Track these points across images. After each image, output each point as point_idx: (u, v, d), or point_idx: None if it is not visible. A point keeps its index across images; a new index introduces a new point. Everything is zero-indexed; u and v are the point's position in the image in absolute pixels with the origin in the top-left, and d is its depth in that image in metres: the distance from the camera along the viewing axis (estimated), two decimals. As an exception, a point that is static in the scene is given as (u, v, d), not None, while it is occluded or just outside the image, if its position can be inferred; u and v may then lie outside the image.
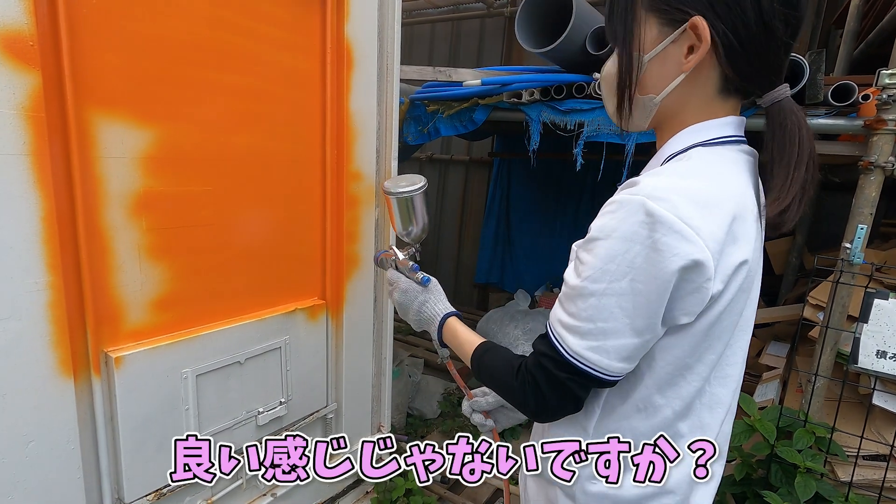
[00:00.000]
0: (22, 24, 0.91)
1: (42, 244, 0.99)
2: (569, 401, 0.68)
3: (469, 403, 0.96)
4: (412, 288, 0.96)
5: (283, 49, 1.40)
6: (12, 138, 0.93)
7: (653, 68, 0.68)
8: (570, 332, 0.64)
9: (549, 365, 0.67)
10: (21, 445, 1.01)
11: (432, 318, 0.92)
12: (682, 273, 0.58)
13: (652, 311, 0.61)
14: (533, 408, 0.71)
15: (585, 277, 0.63)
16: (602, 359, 0.63)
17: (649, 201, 0.58)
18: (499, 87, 1.98)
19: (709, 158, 0.65)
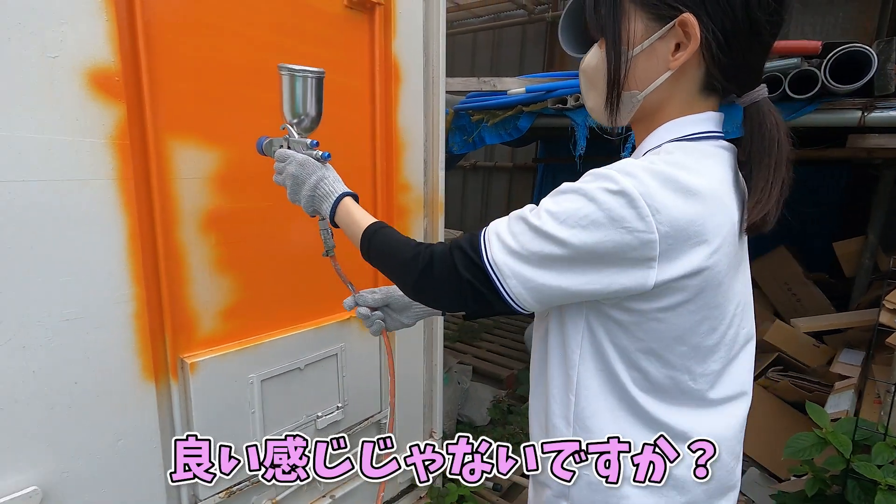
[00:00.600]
0: (109, 62, 1.01)
1: (127, 260, 1.08)
2: (452, 297, 0.70)
3: (354, 297, 0.99)
4: (310, 162, 0.92)
5: (336, 69, 1.47)
6: (102, 165, 1.03)
7: (638, 64, 0.67)
8: (502, 244, 0.65)
9: (458, 259, 0.68)
10: (112, 442, 1.10)
11: (328, 194, 0.90)
12: (624, 248, 0.59)
13: (577, 268, 0.62)
14: (412, 283, 0.74)
15: (536, 214, 0.64)
16: (513, 278, 0.64)
17: (618, 174, 0.59)
18: (543, 93, 1.99)
19: (687, 151, 0.64)
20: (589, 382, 0.69)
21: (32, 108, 0.92)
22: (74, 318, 1.02)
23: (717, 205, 0.60)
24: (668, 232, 0.58)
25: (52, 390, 1.01)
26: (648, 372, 0.67)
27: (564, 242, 0.61)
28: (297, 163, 0.92)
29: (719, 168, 0.65)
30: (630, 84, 0.69)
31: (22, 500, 0.98)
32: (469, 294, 0.68)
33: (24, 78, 0.91)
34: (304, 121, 0.98)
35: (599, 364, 0.69)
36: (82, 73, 0.98)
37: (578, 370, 0.70)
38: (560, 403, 0.73)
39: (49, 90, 0.94)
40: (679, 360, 0.66)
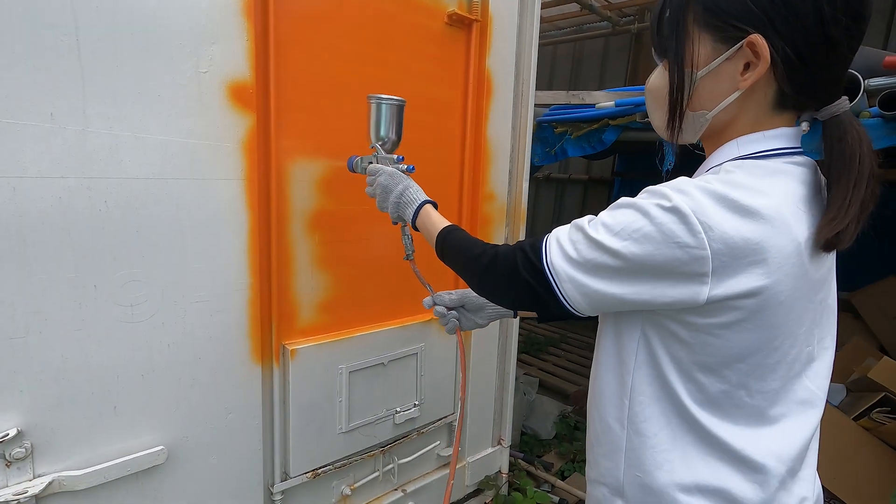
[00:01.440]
0: (246, 76, 1.15)
1: (247, 252, 1.21)
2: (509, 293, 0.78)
3: (432, 297, 1.07)
4: (398, 174, 1.07)
5: (433, 83, 1.55)
6: (234, 167, 1.16)
7: (705, 85, 0.67)
8: (561, 251, 0.69)
9: (519, 260, 0.73)
10: (223, 415, 1.23)
11: (412, 201, 1.02)
12: (675, 263, 0.60)
13: (629, 278, 0.64)
14: (476, 277, 0.82)
15: (593, 226, 0.67)
16: (568, 283, 0.68)
17: (671, 191, 0.61)
18: (633, 107, 1.97)
19: (748, 170, 0.63)
20: (643, 388, 0.71)
21: (184, 116, 1.07)
22: (202, 301, 1.16)
23: (778, 225, 0.59)
24: (722, 249, 0.58)
25: (180, 363, 1.14)
26: (703, 385, 0.67)
27: (617, 253, 0.63)
28: (386, 174, 1.08)
29: (788, 186, 0.63)
30: (697, 104, 0.69)
31: (152, 457, 1.12)
32: (527, 293, 0.73)
33: (181, 91, 1.06)
34: (386, 143, 1.13)
35: (654, 372, 0.70)
36: (225, 87, 1.11)
37: (633, 376, 0.72)
38: (615, 406, 0.75)
39: (198, 101, 1.08)
40: (735, 376, 0.66)
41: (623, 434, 0.74)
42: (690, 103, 0.69)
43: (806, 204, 0.64)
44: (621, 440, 0.74)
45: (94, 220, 0.99)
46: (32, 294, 0.94)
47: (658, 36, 0.71)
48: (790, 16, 0.60)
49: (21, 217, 0.91)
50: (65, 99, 0.93)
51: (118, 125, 0.99)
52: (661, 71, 0.72)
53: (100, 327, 1.02)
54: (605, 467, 0.77)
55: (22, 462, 0.97)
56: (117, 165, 1.00)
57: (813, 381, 0.71)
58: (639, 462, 0.72)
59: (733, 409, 0.68)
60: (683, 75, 0.68)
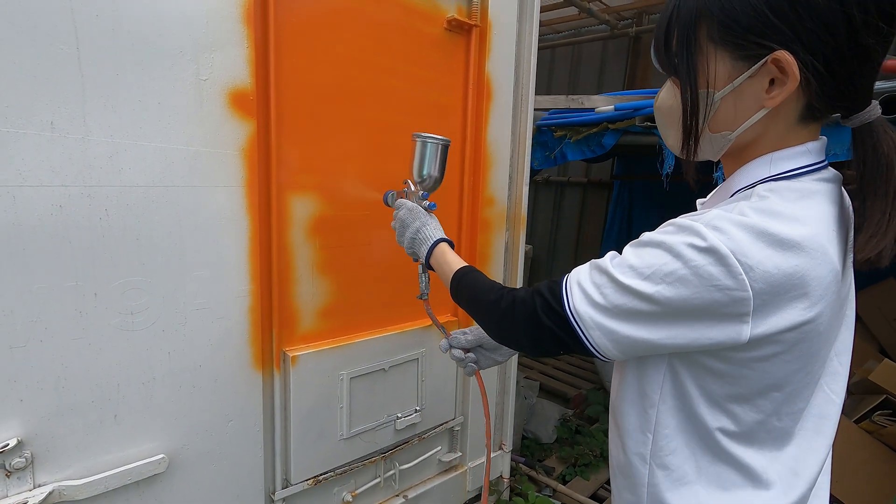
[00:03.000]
0: (246, 83, 1.15)
1: (248, 258, 1.21)
2: (531, 340, 0.72)
3: (447, 340, 1.01)
4: (418, 209, 1.05)
5: (433, 88, 1.55)
6: (234, 173, 1.16)
7: (727, 105, 0.63)
8: (583, 295, 0.65)
9: (539, 305, 0.69)
10: (224, 422, 1.22)
11: (427, 239, 0.99)
12: (714, 305, 0.57)
13: (665, 321, 0.60)
14: (495, 324, 0.78)
15: (619, 268, 0.63)
16: (595, 330, 0.64)
17: (706, 228, 0.56)
18: (632, 111, 1.97)
19: (783, 195, 0.59)
20: (668, 422, 0.68)
21: (185, 123, 1.07)
22: (203, 308, 1.15)
23: (818, 256, 0.56)
24: (763, 289, 0.55)
25: (181, 370, 1.14)
26: (737, 416, 0.65)
27: (650, 298, 0.59)
28: (406, 209, 1.06)
29: (822, 207, 0.60)
30: (718, 125, 0.65)
31: (153, 465, 1.11)
32: (549, 339, 0.70)
33: (181, 98, 1.05)
34: (427, 181, 1.12)
35: (681, 405, 0.67)
36: (225, 94, 1.11)
37: (658, 409, 0.69)
38: (636, 440, 0.72)
39: (198, 108, 1.08)
40: (771, 405, 0.64)
41: (645, 469, 0.71)
42: (711, 124, 0.65)
43: (837, 223, 0.61)
44: (643, 475, 0.71)
45: (95, 228, 0.98)
46: (32, 302, 0.94)
47: (665, 51, 0.66)
48: (817, 27, 0.55)
49: (21, 225, 0.91)
50: (65, 107, 0.93)
51: (118, 133, 0.99)
52: (671, 87, 0.68)
53: (100, 335, 1.02)
54: (627, 500, 0.75)
55: (22, 472, 0.97)
56: (118, 173, 1.00)
57: (832, 388, 0.70)
58: (661, 497, 0.70)
59: (763, 434, 0.66)
60: (698, 97, 0.64)
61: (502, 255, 1.85)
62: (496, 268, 1.84)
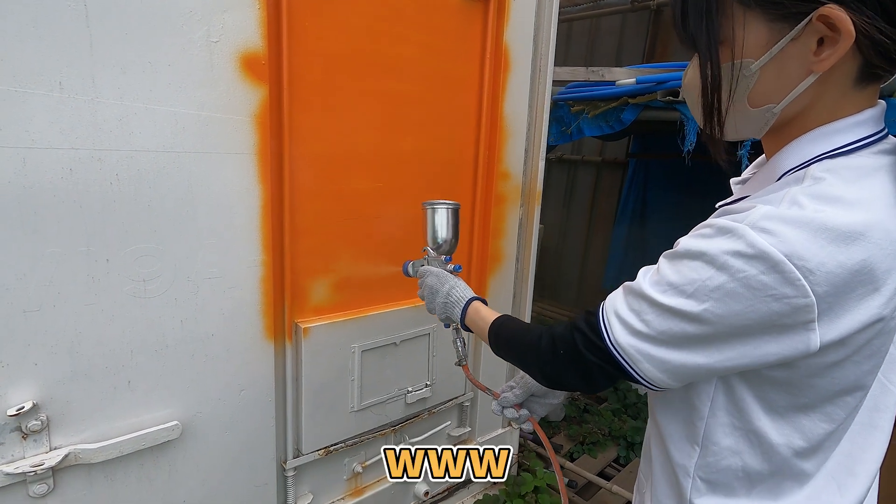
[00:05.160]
0: (258, 46, 1.11)
1: (260, 228, 1.19)
2: (581, 380, 0.67)
3: (497, 402, 0.94)
4: (444, 274, 1.03)
5: (448, 57, 1.50)
6: (246, 140, 1.13)
7: (768, 75, 0.55)
8: (624, 325, 0.59)
9: (580, 342, 0.64)
10: (237, 392, 1.23)
11: (459, 300, 0.95)
12: (773, 317, 0.50)
13: (719, 342, 0.54)
14: (540, 370, 0.72)
15: (657, 288, 0.56)
16: (643, 361, 0.58)
17: (753, 231, 0.49)
18: (654, 84, 1.90)
19: (841, 175, 0.52)
20: (720, 439, 0.62)
21: (195, 87, 1.04)
22: (215, 278, 1.14)
23: (886, 244, 0.49)
24: (828, 291, 0.48)
25: (193, 339, 1.14)
26: (805, 429, 0.58)
27: (698, 318, 0.53)
28: (433, 275, 1.03)
29: (885, 187, 0.53)
30: (759, 98, 0.57)
31: (167, 431, 1.12)
32: (600, 375, 0.64)
33: (191, 61, 1.02)
34: (442, 246, 1.11)
35: (737, 422, 0.61)
36: (236, 57, 1.08)
37: (707, 423, 0.63)
38: (680, 451, 0.66)
39: (209, 72, 1.05)
40: (842, 412, 0.58)
41: (687, 483, 0.66)
42: (751, 100, 0.58)
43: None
44: (685, 489, 0.66)
45: (106, 193, 0.97)
46: (45, 267, 0.93)
47: (683, 24, 0.59)
48: None
49: (32, 188, 0.89)
50: (73, 68, 0.90)
51: (128, 95, 0.96)
52: (696, 63, 0.61)
53: (113, 302, 1.01)
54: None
55: (38, 435, 0.97)
56: (128, 137, 0.97)
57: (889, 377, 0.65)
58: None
59: (832, 442, 0.61)
60: (720, 71, 0.57)
61: (516, 231, 1.82)
62: (510, 243, 1.82)
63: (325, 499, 1.53)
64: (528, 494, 1.89)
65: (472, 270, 1.74)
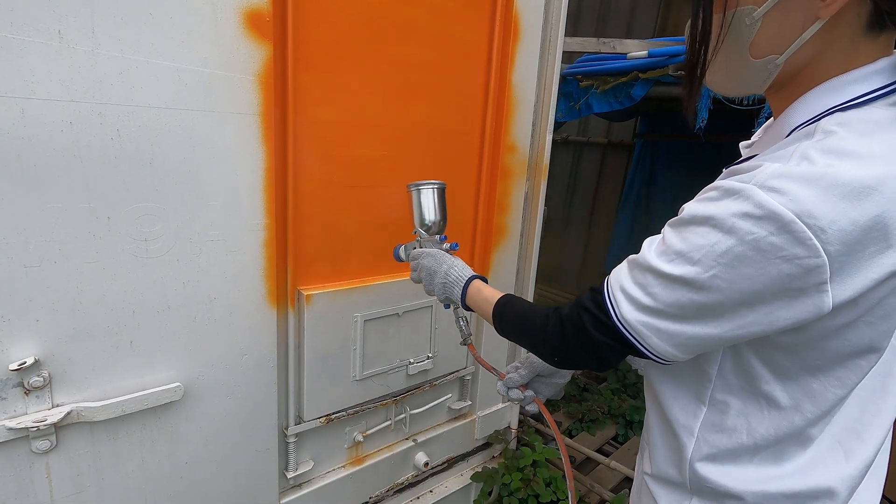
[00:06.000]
0: (263, 2, 1.08)
1: (263, 191, 1.17)
2: (592, 359, 0.66)
3: (503, 383, 0.93)
4: (440, 254, 0.99)
5: (457, 21, 1.46)
6: (249, 100, 1.11)
7: (771, 24, 0.54)
8: (630, 301, 0.58)
9: (587, 321, 0.63)
10: (239, 356, 1.22)
11: (458, 279, 0.92)
12: (784, 280, 0.48)
13: (730, 311, 0.52)
14: (549, 351, 0.70)
15: (664, 258, 0.55)
16: (653, 336, 0.57)
17: (762, 191, 0.48)
18: (666, 58, 1.86)
19: (852, 127, 0.50)
20: (728, 400, 0.62)
21: (198, 42, 1.01)
22: (217, 240, 1.13)
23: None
24: (840, 250, 0.47)
25: (195, 301, 1.13)
26: (815, 392, 0.57)
27: (707, 286, 0.52)
28: (430, 255, 1.00)
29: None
30: (761, 49, 0.55)
31: (168, 393, 1.12)
32: (610, 353, 0.63)
33: (194, 15, 0.99)
34: (432, 227, 1.09)
35: (746, 385, 0.60)
36: (240, 13, 1.05)
37: (715, 385, 0.62)
38: (685, 412, 0.66)
39: (213, 27, 1.02)
40: (855, 375, 0.57)
41: (690, 444, 0.66)
42: (753, 49, 0.56)
43: None
44: (687, 450, 0.66)
45: (107, 149, 0.95)
46: (45, 222, 0.92)
47: None
48: None
49: (31, 141, 0.87)
50: (73, 16, 0.87)
51: (129, 48, 0.93)
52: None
53: (114, 261, 1.00)
54: (666, 473, 0.71)
55: (40, 391, 0.97)
56: (129, 91, 0.95)
57: None
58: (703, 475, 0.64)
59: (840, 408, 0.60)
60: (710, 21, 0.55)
61: (521, 206, 1.80)
62: (514, 218, 1.80)
63: (326, 466, 1.55)
64: (527, 468, 1.91)
65: (477, 244, 1.72)
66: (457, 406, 1.85)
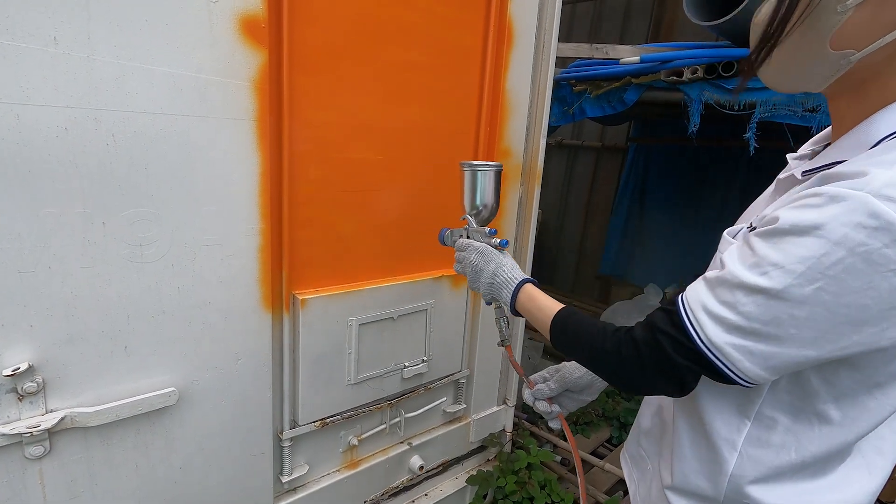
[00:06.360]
0: (258, 8, 1.08)
1: (258, 196, 1.17)
2: (672, 385, 0.60)
3: (531, 392, 0.91)
4: (488, 250, 0.93)
5: (453, 26, 1.47)
6: (244, 106, 1.11)
7: (862, 15, 0.50)
8: (716, 321, 0.54)
9: (666, 344, 0.58)
10: (233, 360, 1.22)
11: (508, 281, 0.86)
12: (894, 295, 0.47)
13: (834, 329, 0.49)
14: (623, 377, 0.65)
15: (756, 270, 0.52)
16: (744, 360, 0.53)
17: (877, 200, 0.45)
18: (659, 63, 1.88)
19: None
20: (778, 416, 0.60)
21: (193, 48, 1.01)
22: (212, 245, 1.13)
23: None
24: None
25: (190, 306, 1.13)
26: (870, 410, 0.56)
27: (810, 300, 0.48)
28: (476, 251, 0.94)
29: None
30: (843, 41, 0.52)
31: (163, 397, 1.12)
32: (690, 379, 0.59)
33: (189, 21, 1.00)
34: (482, 212, 1.03)
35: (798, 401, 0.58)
36: (236, 19, 1.05)
37: (765, 400, 0.60)
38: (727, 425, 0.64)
39: (208, 33, 1.03)
40: None
41: (732, 458, 0.64)
42: (832, 39, 0.53)
43: None
44: (727, 464, 0.64)
45: (102, 155, 0.95)
46: (40, 228, 0.92)
47: None
48: None
49: (26, 146, 0.87)
50: (69, 22, 0.88)
51: (125, 54, 0.94)
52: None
53: (109, 266, 1.00)
54: (695, 485, 0.68)
55: (34, 397, 0.97)
56: (124, 97, 0.95)
57: None
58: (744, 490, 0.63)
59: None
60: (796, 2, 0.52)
61: (515, 209, 1.81)
62: (508, 223, 1.81)
63: (321, 470, 1.55)
64: (522, 471, 1.91)
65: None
66: (452, 409, 1.86)
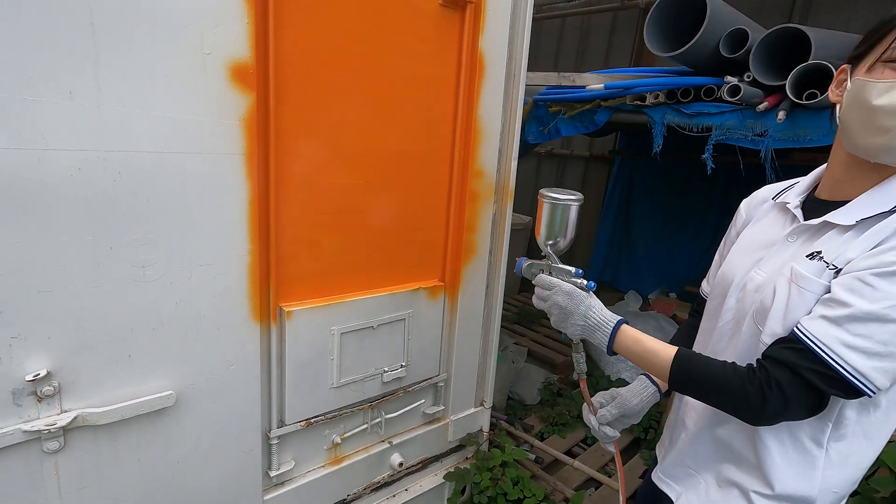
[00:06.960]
0: (247, 57, 1.23)
1: (248, 221, 1.32)
2: (813, 411, 0.72)
3: (596, 418, 1.01)
4: (576, 292, 0.92)
5: (427, 61, 1.62)
6: (235, 142, 1.26)
7: None
8: (858, 352, 0.66)
9: (815, 380, 0.69)
10: (225, 366, 1.37)
11: (601, 323, 0.89)
12: None
13: None
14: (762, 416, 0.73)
15: (883, 304, 0.64)
16: (881, 377, 0.66)
17: None
18: (621, 90, 2.02)
19: None
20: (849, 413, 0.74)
21: (190, 94, 1.16)
22: (207, 265, 1.28)
23: None
24: None
25: (186, 318, 1.28)
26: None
27: None
28: (563, 292, 0.93)
29: None
30: None
31: (162, 400, 1.26)
32: (826, 401, 0.72)
33: (186, 71, 1.15)
34: (559, 243, 1.01)
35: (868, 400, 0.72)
36: (227, 67, 1.20)
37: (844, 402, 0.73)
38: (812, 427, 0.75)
39: (203, 81, 1.17)
40: None
41: (821, 454, 0.75)
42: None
43: None
44: (818, 461, 0.75)
45: (109, 189, 1.10)
46: (56, 253, 1.06)
47: None
48: None
49: (46, 184, 1.02)
50: (82, 76, 1.02)
51: (129, 102, 1.09)
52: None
53: (115, 284, 1.15)
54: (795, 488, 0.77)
55: (51, 399, 1.12)
56: (129, 139, 1.10)
57: None
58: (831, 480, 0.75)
59: None
60: None
61: (489, 226, 1.95)
62: (483, 237, 1.95)
63: (306, 466, 1.69)
64: (496, 468, 2.05)
65: (448, 261, 1.88)
66: (430, 410, 2.00)
